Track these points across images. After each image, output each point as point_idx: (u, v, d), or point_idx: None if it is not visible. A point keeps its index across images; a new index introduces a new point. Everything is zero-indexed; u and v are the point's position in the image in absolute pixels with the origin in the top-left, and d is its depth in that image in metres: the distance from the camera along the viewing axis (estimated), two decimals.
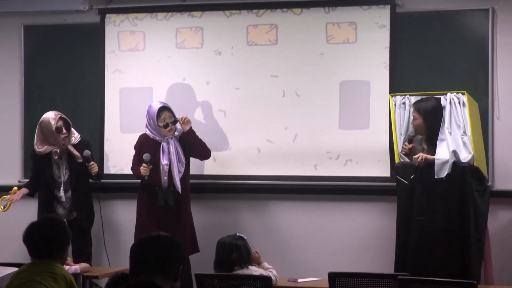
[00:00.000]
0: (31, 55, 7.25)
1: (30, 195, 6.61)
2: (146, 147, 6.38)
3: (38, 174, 6.56)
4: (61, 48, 7.20)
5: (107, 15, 7.09)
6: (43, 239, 4.05)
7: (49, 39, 7.25)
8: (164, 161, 6.29)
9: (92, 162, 6.43)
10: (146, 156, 6.31)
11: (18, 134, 7.27)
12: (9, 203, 6.47)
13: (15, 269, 4.34)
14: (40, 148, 6.45)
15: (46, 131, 6.41)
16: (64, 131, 6.39)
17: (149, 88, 6.98)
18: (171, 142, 6.34)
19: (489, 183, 6.23)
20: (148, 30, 7.02)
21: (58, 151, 6.43)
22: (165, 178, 6.29)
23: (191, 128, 6.39)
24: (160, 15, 7.00)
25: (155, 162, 6.32)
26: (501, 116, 6.42)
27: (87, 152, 6.39)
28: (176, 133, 6.41)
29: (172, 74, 6.95)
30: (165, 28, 6.98)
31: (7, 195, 6.47)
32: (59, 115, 6.43)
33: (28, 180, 6.75)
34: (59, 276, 4.00)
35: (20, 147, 7.26)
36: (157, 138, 6.35)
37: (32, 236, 4.09)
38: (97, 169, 6.46)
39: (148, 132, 6.40)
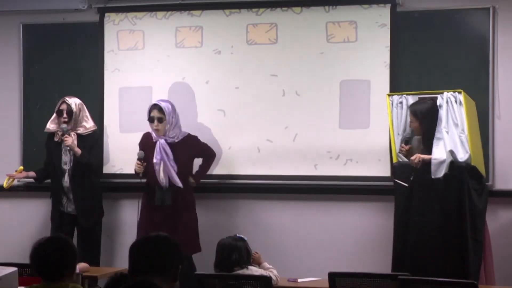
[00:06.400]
0: (30, 54, 7.24)
1: (36, 179, 6.76)
2: (146, 146, 6.42)
3: (49, 161, 6.66)
4: (60, 47, 7.18)
5: (106, 14, 7.08)
6: (52, 261, 3.99)
7: (48, 38, 7.23)
8: (155, 159, 6.30)
9: (66, 136, 6.49)
10: (139, 153, 6.40)
11: (17, 133, 7.25)
12: (11, 179, 6.63)
13: (14, 269, 4.30)
14: (49, 126, 6.61)
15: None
16: (65, 115, 6.50)
17: (148, 87, 6.96)
18: (161, 142, 6.33)
19: (489, 182, 6.25)
20: (148, 29, 7.00)
21: (60, 134, 6.55)
22: (160, 176, 6.28)
23: (199, 178, 6.51)
24: (160, 14, 6.98)
25: (152, 161, 6.35)
26: (502, 116, 6.41)
27: (63, 127, 6.50)
28: (171, 140, 6.38)
29: (171, 73, 6.93)
30: (164, 27, 6.97)
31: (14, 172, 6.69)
32: (67, 101, 6.54)
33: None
34: None
35: (19, 147, 7.24)
36: (153, 136, 6.37)
37: (40, 258, 4.02)
38: (69, 143, 6.48)
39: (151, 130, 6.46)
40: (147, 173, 6.38)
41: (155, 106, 6.35)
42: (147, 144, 6.43)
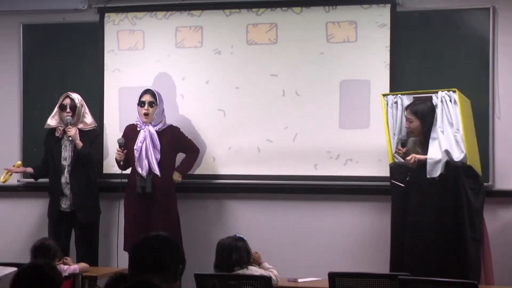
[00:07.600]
0: (30, 54, 7.24)
1: (34, 176, 6.79)
2: (129, 136, 6.51)
3: (48, 158, 6.66)
4: (60, 47, 7.18)
5: (106, 14, 7.08)
6: None
7: (48, 38, 7.23)
8: (136, 145, 6.37)
9: (69, 127, 6.49)
10: (119, 139, 6.47)
11: (17, 133, 7.25)
12: (9, 173, 6.63)
13: (15, 269, 4.28)
14: (50, 122, 6.62)
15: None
16: (68, 110, 6.54)
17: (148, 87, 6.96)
18: (147, 128, 6.39)
19: (489, 182, 6.26)
20: (148, 29, 7.01)
21: (61, 129, 6.58)
22: (139, 163, 6.33)
23: (183, 173, 6.51)
24: (160, 14, 6.98)
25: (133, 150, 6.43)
26: (502, 116, 6.41)
27: (67, 119, 6.51)
28: (156, 128, 6.43)
29: (171, 73, 6.93)
30: (164, 27, 6.97)
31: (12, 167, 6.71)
32: (70, 96, 6.57)
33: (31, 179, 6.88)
34: None
35: (19, 147, 7.23)
36: (139, 124, 6.44)
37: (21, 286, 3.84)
38: (72, 133, 6.49)
39: (136, 120, 6.51)
40: (129, 163, 6.45)
41: (148, 91, 6.46)
42: (130, 134, 6.50)
